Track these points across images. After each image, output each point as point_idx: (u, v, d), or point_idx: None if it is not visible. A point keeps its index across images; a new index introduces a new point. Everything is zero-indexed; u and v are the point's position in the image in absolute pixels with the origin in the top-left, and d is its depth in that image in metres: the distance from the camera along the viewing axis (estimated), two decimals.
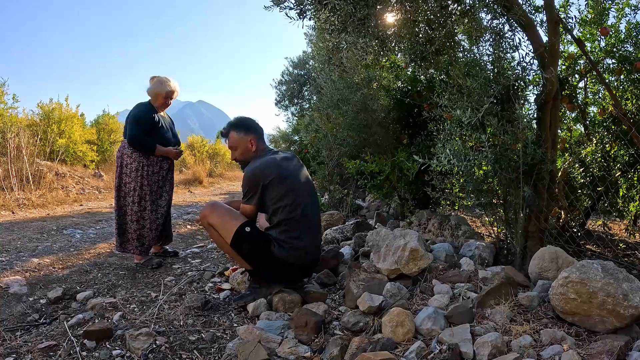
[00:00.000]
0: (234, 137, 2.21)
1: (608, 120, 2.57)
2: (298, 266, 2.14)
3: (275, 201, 2.07)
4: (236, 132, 2.21)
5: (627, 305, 1.40)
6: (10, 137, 6.92)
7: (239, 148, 2.22)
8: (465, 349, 1.41)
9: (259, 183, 2.06)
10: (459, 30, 2.60)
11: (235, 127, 2.23)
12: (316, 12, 2.43)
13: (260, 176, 2.06)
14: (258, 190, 2.07)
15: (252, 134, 2.22)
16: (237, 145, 2.22)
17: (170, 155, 2.99)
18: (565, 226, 2.49)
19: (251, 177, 2.08)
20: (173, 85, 2.96)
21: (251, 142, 2.21)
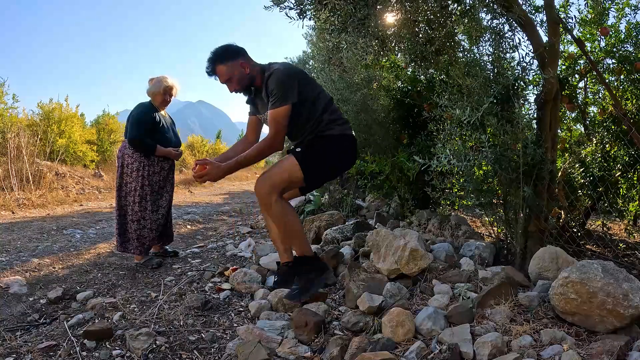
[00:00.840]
0: (224, 69, 2.02)
1: (608, 120, 2.57)
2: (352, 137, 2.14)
3: (313, 90, 2.04)
4: (223, 64, 2.01)
5: (627, 305, 1.40)
6: (10, 137, 6.93)
7: (234, 77, 2.03)
8: (465, 349, 1.41)
9: (294, 80, 1.96)
10: (459, 30, 2.60)
11: (219, 59, 2.02)
12: (316, 12, 2.43)
13: (294, 75, 1.97)
14: (295, 86, 1.95)
15: (239, 58, 2.03)
16: (230, 75, 2.02)
17: (171, 156, 2.99)
18: (565, 226, 2.49)
19: (286, 79, 1.94)
20: (171, 82, 2.98)
21: (243, 65, 2.02)
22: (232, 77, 2.02)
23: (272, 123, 1.95)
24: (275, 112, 1.94)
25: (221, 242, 3.83)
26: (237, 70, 2.02)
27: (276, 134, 1.95)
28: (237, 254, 3.24)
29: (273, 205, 1.92)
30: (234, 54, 2.03)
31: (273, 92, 1.93)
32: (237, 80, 2.03)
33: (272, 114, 1.94)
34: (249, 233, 4.20)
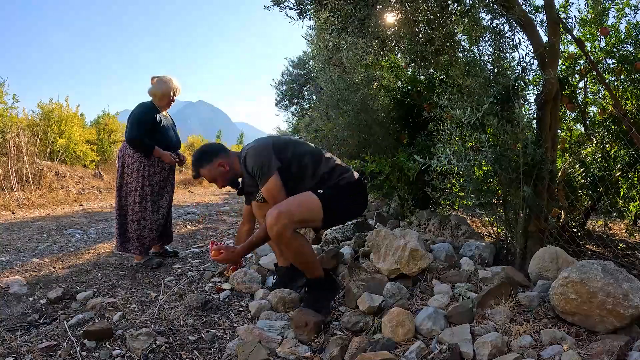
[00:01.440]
0: (205, 172, 2.15)
1: (608, 120, 2.57)
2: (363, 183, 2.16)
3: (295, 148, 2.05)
4: (202, 167, 2.14)
5: (627, 305, 1.40)
6: (10, 137, 6.93)
7: (218, 177, 2.15)
8: (465, 349, 1.41)
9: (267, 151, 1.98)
10: (459, 30, 2.60)
11: (199, 164, 2.15)
12: (316, 12, 2.43)
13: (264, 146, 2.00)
14: (271, 153, 1.97)
15: (216, 158, 2.13)
16: (213, 176, 2.15)
17: (165, 160, 2.95)
18: (565, 226, 2.49)
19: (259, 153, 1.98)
20: (175, 84, 2.99)
21: (221, 164, 2.13)
22: (216, 177, 2.15)
23: (269, 199, 1.98)
24: (267, 187, 1.97)
25: (221, 242, 3.82)
26: (216, 171, 2.13)
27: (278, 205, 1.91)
28: None
29: (289, 240, 1.84)
30: (210, 156, 2.14)
31: (255, 171, 1.97)
32: (221, 179, 2.16)
33: (265, 191, 1.98)
34: None
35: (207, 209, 6.44)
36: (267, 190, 1.96)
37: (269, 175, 1.94)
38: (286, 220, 1.79)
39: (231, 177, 2.17)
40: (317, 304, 1.91)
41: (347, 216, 2.19)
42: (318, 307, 1.88)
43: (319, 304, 1.92)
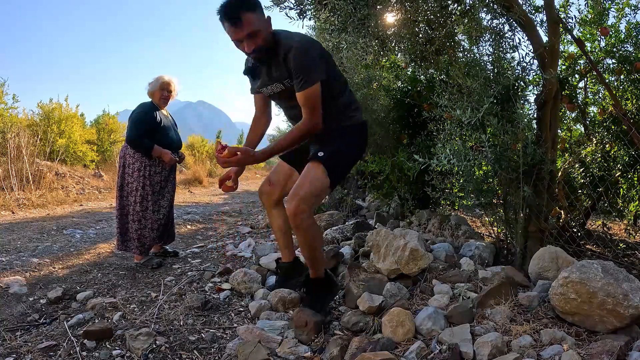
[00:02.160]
0: (253, 18, 1.64)
1: (608, 120, 2.57)
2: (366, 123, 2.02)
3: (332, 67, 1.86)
4: (252, 12, 1.65)
5: (627, 305, 1.40)
6: (10, 137, 6.93)
7: (262, 32, 1.68)
8: (465, 349, 1.41)
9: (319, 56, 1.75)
10: (459, 30, 2.60)
11: (247, 5, 1.65)
12: (316, 12, 2.43)
13: (317, 48, 1.76)
14: (321, 62, 1.75)
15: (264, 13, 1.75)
16: (260, 28, 1.67)
17: (165, 159, 2.93)
18: (565, 226, 2.49)
19: (310, 55, 1.71)
20: (167, 77, 3.01)
21: (269, 21, 1.74)
22: (261, 30, 1.67)
23: (306, 106, 1.74)
24: (309, 93, 1.71)
25: (221, 242, 3.82)
26: (264, 23, 1.70)
27: (313, 115, 1.74)
28: (237, 254, 3.24)
29: (304, 224, 1.73)
30: (261, 5, 1.71)
31: (300, 67, 1.69)
32: (264, 37, 1.70)
33: (305, 95, 1.71)
34: (249, 233, 4.20)
35: (207, 209, 6.44)
36: (307, 96, 1.71)
37: (314, 80, 1.70)
38: (298, 200, 1.69)
39: (270, 45, 1.74)
40: (316, 305, 1.88)
41: (350, 165, 2.06)
42: (317, 308, 1.85)
43: (318, 304, 1.89)
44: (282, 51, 1.73)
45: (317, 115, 1.75)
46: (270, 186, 2.09)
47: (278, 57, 1.76)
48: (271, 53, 1.76)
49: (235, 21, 1.63)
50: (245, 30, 1.64)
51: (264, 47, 1.71)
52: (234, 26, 1.64)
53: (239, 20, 1.62)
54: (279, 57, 1.75)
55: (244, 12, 1.62)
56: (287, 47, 1.71)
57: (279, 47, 1.75)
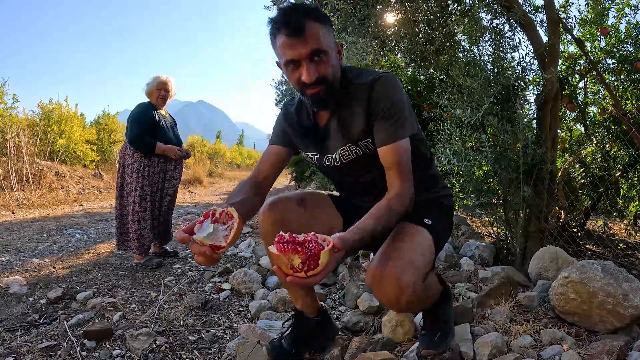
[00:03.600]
0: (322, 32, 1.13)
1: (608, 120, 2.57)
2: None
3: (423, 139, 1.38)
4: (319, 22, 1.14)
5: (627, 305, 1.40)
6: (10, 137, 6.93)
7: (331, 56, 1.16)
8: (465, 349, 1.41)
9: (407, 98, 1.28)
10: (459, 30, 2.60)
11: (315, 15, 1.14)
12: None
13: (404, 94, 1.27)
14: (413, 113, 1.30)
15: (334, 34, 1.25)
16: (329, 48, 1.15)
17: (170, 154, 2.94)
18: (565, 226, 2.49)
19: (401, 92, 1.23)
20: (164, 77, 3.02)
21: (339, 48, 1.24)
22: (329, 53, 1.15)
23: (399, 165, 1.17)
24: (402, 146, 1.18)
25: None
26: (335, 49, 1.20)
27: (407, 180, 1.17)
28: (237, 254, 3.24)
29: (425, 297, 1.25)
30: (330, 21, 1.21)
31: (391, 112, 1.19)
32: (332, 65, 1.17)
33: (396, 148, 1.17)
34: (249, 233, 4.20)
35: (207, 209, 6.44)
36: (400, 151, 1.17)
37: (407, 129, 1.20)
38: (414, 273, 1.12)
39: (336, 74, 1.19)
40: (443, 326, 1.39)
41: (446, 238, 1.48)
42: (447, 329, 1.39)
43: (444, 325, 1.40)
44: (359, 94, 1.22)
45: (411, 180, 1.19)
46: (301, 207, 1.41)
47: (351, 103, 1.24)
48: (338, 97, 1.23)
49: (297, 29, 1.10)
50: (310, 44, 1.11)
51: (330, 80, 1.17)
52: (293, 37, 1.10)
53: (302, 29, 1.10)
54: (352, 104, 1.23)
55: (310, 21, 1.12)
56: (368, 84, 1.21)
57: (351, 87, 1.24)
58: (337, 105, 1.25)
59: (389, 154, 1.18)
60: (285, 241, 0.86)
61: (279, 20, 1.13)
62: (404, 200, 1.14)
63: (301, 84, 1.16)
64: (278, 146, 1.39)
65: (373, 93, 1.19)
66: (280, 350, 1.46)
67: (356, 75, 1.25)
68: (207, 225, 0.94)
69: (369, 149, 1.25)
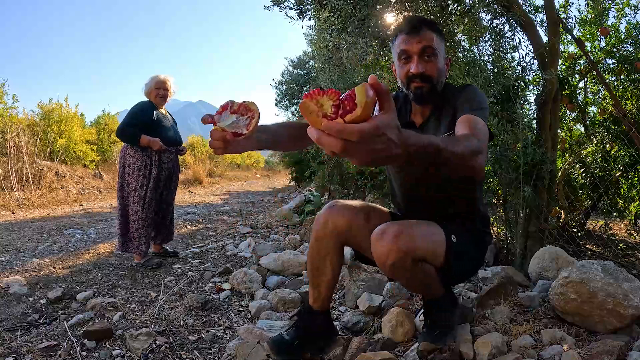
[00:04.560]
0: (435, 38, 1.33)
1: (608, 120, 2.57)
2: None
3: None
4: (435, 33, 1.34)
5: (627, 305, 1.40)
6: (10, 137, 6.93)
7: (439, 59, 1.34)
8: (465, 349, 1.41)
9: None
10: (459, 30, 2.60)
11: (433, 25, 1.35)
12: (316, 12, 2.43)
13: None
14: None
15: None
16: (438, 52, 1.34)
17: (154, 147, 2.86)
18: (565, 226, 2.49)
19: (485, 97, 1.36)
20: (163, 76, 3.02)
21: (448, 63, 1.44)
22: (438, 55, 1.34)
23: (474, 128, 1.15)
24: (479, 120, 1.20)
25: (221, 242, 3.83)
26: (443, 58, 1.38)
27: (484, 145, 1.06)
28: (237, 254, 3.24)
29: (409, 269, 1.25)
30: (444, 39, 1.44)
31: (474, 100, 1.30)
32: (438, 68, 1.34)
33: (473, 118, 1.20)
34: (249, 233, 4.20)
35: (207, 209, 6.44)
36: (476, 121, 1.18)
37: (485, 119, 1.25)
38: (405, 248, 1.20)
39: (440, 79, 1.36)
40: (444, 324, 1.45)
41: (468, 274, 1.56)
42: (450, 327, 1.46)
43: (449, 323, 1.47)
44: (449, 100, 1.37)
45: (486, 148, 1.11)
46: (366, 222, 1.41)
47: (443, 109, 1.39)
48: (437, 99, 1.39)
49: (413, 28, 1.31)
50: (422, 42, 1.30)
51: (434, 81, 1.33)
52: (409, 34, 1.31)
53: (418, 29, 1.31)
54: (444, 111, 1.38)
55: (427, 27, 1.32)
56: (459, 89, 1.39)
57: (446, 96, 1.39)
58: (434, 109, 1.40)
59: (464, 120, 1.19)
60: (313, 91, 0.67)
61: (402, 24, 1.35)
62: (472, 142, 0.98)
63: (408, 77, 1.33)
64: None
65: (462, 94, 1.34)
66: (282, 342, 1.48)
67: (451, 86, 1.42)
68: (227, 115, 0.96)
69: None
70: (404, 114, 1.46)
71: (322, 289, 1.48)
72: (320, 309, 1.49)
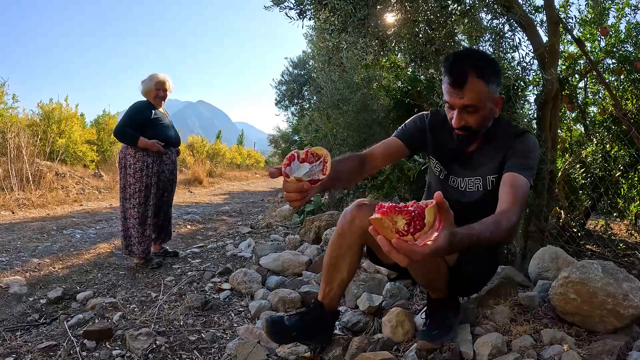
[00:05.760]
0: (482, 89, 1.27)
1: (608, 120, 2.57)
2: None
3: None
4: (486, 83, 1.28)
5: (627, 305, 1.40)
6: (10, 137, 6.93)
7: (484, 110, 1.32)
8: (465, 349, 1.41)
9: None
10: (459, 30, 2.60)
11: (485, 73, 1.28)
12: (316, 12, 2.43)
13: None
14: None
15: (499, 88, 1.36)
16: (483, 105, 1.30)
17: (152, 149, 2.86)
18: (565, 226, 2.49)
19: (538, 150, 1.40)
20: (162, 76, 3.01)
21: (498, 102, 1.38)
22: (482, 108, 1.31)
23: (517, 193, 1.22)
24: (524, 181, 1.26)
25: (221, 242, 3.82)
26: (491, 103, 1.34)
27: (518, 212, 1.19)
28: (237, 254, 3.24)
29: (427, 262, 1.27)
30: (498, 74, 1.35)
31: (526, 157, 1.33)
32: (482, 116, 1.33)
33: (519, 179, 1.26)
34: (249, 233, 4.20)
35: (207, 209, 6.44)
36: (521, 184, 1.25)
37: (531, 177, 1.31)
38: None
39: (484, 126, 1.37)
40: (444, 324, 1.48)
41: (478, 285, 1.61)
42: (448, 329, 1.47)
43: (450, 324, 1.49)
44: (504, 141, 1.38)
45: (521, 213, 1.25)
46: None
47: (494, 143, 1.40)
48: (481, 138, 1.41)
49: (457, 81, 1.25)
50: (466, 98, 1.27)
51: (475, 129, 1.34)
52: (454, 86, 1.27)
53: (463, 83, 1.25)
54: (494, 145, 1.40)
55: (474, 77, 1.25)
56: (517, 133, 1.39)
57: (499, 131, 1.41)
58: (481, 143, 1.43)
59: (510, 179, 1.27)
60: (387, 207, 0.79)
61: (448, 65, 1.30)
62: (510, 222, 1.11)
63: (451, 124, 1.36)
64: (401, 142, 1.50)
65: (515, 144, 1.36)
66: (280, 325, 1.47)
67: (507, 123, 1.45)
68: (298, 165, 0.95)
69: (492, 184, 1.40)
70: (451, 139, 1.45)
71: (335, 286, 1.48)
72: (329, 307, 1.49)
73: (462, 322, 1.57)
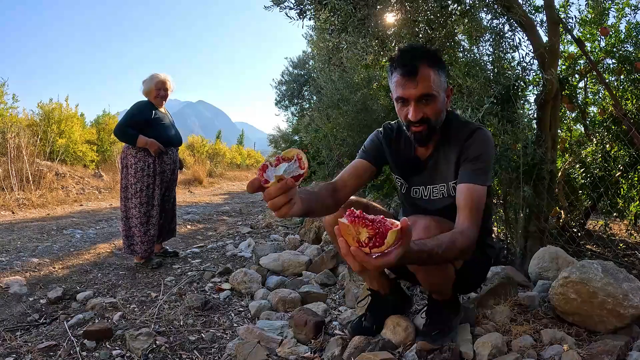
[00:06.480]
0: (433, 77, 1.27)
1: (608, 120, 2.57)
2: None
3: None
4: (432, 68, 1.27)
5: (627, 305, 1.40)
6: (10, 137, 6.93)
7: (438, 100, 1.30)
8: (465, 349, 1.41)
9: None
10: (459, 30, 2.60)
11: (430, 60, 1.28)
12: (316, 12, 2.43)
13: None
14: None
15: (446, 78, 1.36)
16: (437, 90, 1.29)
17: (152, 148, 2.85)
18: (565, 226, 2.49)
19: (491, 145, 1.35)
20: (163, 76, 3.01)
21: (449, 93, 1.38)
22: (437, 97, 1.29)
23: (472, 208, 1.24)
24: (480, 193, 1.27)
25: (221, 242, 3.82)
26: (444, 94, 1.33)
27: (476, 225, 1.23)
28: (237, 254, 3.24)
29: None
30: (444, 67, 1.34)
31: (479, 160, 1.31)
32: (438, 109, 1.31)
33: (473, 193, 1.27)
34: (249, 233, 4.20)
35: (207, 209, 6.44)
36: (477, 195, 1.27)
37: (486, 180, 1.31)
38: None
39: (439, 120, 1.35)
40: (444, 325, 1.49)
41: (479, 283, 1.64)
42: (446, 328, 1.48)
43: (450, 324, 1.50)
44: (456, 139, 1.36)
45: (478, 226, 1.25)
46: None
47: (448, 146, 1.39)
48: (437, 137, 1.40)
49: (410, 71, 1.25)
50: (421, 87, 1.26)
51: (433, 122, 1.32)
52: (406, 77, 1.26)
53: (415, 72, 1.24)
54: (448, 148, 1.39)
55: (424, 65, 1.25)
56: (468, 131, 1.35)
57: (452, 131, 1.38)
58: (436, 145, 1.42)
59: (465, 193, 1.28)
60: (356, 215, 0.86)
61: (397, 59, 1.29)
62: (467, 240, 1.17)
63: (407, 121, 1.33)
64: (367, 162, 1.52)
65: (469, 141, 1.34)
66: (361, 328, 1.62)
67: (457, 121, 1.41)
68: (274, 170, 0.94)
69: (454, 190, 1.36)
70: (408, 148, 1.49)
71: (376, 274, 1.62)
72: (385, 290, 1.64)
73: (462, 322, 1.57)
